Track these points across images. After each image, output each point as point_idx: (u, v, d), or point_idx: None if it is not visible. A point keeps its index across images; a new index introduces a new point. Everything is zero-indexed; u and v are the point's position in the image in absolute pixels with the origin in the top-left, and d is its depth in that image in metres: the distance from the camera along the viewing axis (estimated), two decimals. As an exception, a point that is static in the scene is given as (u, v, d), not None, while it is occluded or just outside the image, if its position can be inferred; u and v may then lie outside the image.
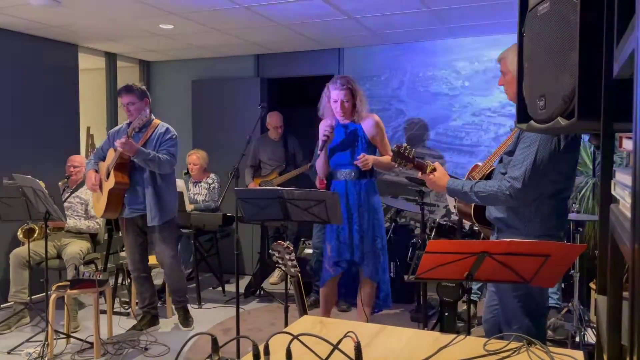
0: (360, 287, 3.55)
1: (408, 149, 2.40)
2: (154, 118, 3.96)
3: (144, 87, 3.91)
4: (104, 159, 3.95)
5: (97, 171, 3.91)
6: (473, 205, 2.41)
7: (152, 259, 4.22)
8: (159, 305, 4.25)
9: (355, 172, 3.45)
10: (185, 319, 4.15)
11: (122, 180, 3.76)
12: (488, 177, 2.38)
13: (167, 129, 3.90)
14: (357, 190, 3.44)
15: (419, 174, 2.40)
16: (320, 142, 3.49)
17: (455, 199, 2.59)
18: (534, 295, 2.15)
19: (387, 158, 3.44)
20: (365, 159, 3.35)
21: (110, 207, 3.82)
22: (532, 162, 2.05)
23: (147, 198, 3.81)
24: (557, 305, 3.98)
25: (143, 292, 4.07)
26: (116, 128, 4.02)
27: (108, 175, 3.80)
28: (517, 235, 2.14)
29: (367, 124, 3.49)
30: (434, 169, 2.36)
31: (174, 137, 3.88)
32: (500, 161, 2.31)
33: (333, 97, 3.43)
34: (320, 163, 3.55)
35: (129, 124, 3.86)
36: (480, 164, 2.54)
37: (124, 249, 5.26)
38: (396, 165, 2.44)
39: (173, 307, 4.27)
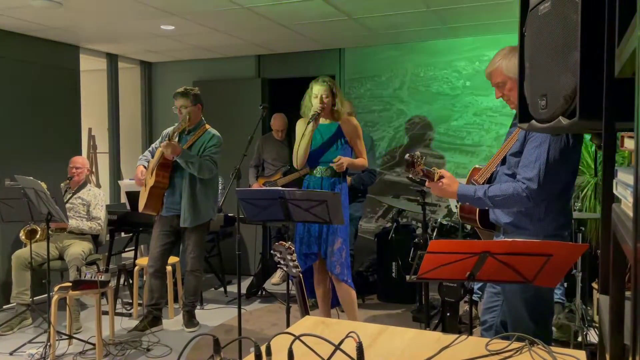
0: (336, 288, 3.59)
1: (419, 158, 2.37)
2: (204, 123, 4.09)
3: (198, 92, 4.03)
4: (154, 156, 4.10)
5: (146, 167, 4.04)
6: (477, 209, 2.39)
7: (172, 259, 4.32)
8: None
9: (331, 169, 3.58)
10: (190, 321, 4.16)
11: (162, 180, 3.91)
12: (490, 179, 2.37)
13: (214, 135, 4.02)
14: (331, 187, 3.55)
15: (427, 183, 2.38)
16: (312, 112, 3.51)
17: (457, 204, 2.57)
18: (542, 297, 2.14)
19: (360, 160, 3.64)
20: (341, 162, 3.49)
21: (150, 204, 3.95)
22: (545, 162, 2.03)
23: (183, 200, 3.93)
24: (560, 301, 3.97)
25: (153, 290, 4.09)
26: (170, 129, 4.12)
27: (152, 173, 3.94)
28: (525, 235, 2.12)
29: (346, 126, 3.61)
30: (442, 176, 2.34)
31: (218, 144, 3.99)
32: (503, 163, 2.29)
33: (314, 92, 3.58)
34: (304, 146, 3.56)
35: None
36: (478, 166, 2.52)
37: (126, 249, 5.29)
38: (411, 175, 2.42)
39: (178, 308, 4.28)
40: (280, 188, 3.17)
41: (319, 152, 3.59)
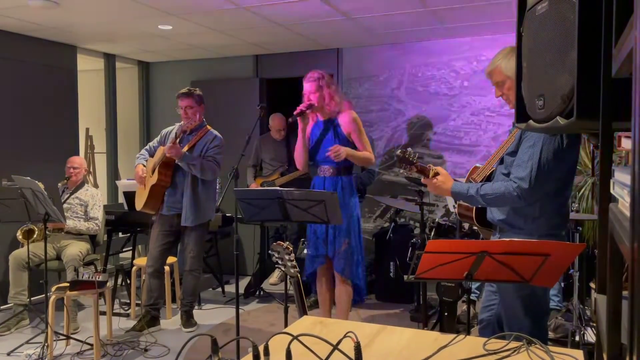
0: (336, 285, 3.58)
1: (411, 154, 2.39)
2: (206, 124, 4.10)
3: (200, 93, 4.05)
4: (153, 155, 4.10)
5: (144, 166, 4.06)
6: (474, 207, 2.40)
7: (170, 259, 4.33)
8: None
9: (333, 168, 3.50)
10: (187, 321, 4.16)
11: (164, 178, 3.93)
12: (488, 178, 2.38)
13: (216, 136, 4.04)
14: (334, 187, 3.46)
15: (422, 179, 2.39)
16: (299, 109, 3.46)
17: (455, 202, 2.58)
18: (538, 295, 2.14)
19: (364, 153, 3.49)
20: (337, 150, 3.36)
21: (150, 202, 3.97)
22: (538, 161, 2.04)
23: (185, 199, 3.95)
24: (558, 307, 3.98)
25: (152, 289, 4.09)
26: (169, 128, 4.15)
27: (153, 171, 3.95)
28: (521, 234, 2.13)
29: (344, 120, 3.50)
30: (437, 173, 2.35)
31: (220, 145, 4.01)
32: (501, 162, 2.30)
33: (304, 89, 3.52)
34: (299, 148, 3.54)
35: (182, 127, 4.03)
36: (479, 165, 2.53)
37: (124, 249, 5.28)
38: (402, 171, 2.44)
39: (176, 308, 4.28)
40: (278, 188, 3.17)
41: (319, 151, 3.53)
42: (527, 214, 2.15)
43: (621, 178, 1.06)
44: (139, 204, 4.04)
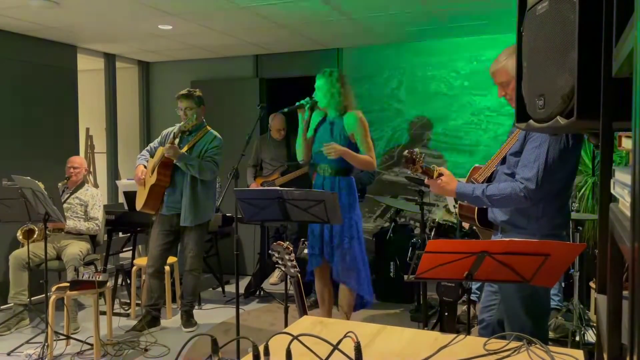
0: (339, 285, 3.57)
1: (418, 154, 2.38)
2: (206, 124, 4.11)
3: (200, 94, 4.06)
4: (153, 155, 4.11)
5: (145, 167, 4.07)
6: (476, 208, 2.40)
7: (170, 259, 4.34)
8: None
9: (330, 168, 3.46)
10: (188, 321, 4.16)
11: (163, 178, 3.95)
12: (489, 178, 2.38)
13: (215, 137, 4.05)
14: (332, 187, 3.41)
15: (426, 180, 2.39)
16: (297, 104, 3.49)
17: (456, 202, 2.58)
18: (539, 296, 2.14)
19: (363, 156, 3.41)
20: (330, 147, 3.30)
21: (149, 202, 3.98)
22: (544, 162, 2.04)
23: (184, 199, 3.96)
24: (558, 307, 3.98)
25: (152, 289, 4.09)
26: (170, 129, 4.15)
27: (153, 171, 3.96)
28: (523, 234, 2.13)
29: (349, 120, 3.46)
30: (441, 174, 2.34)
31: (219, 146, 4.02)
32: (503, 162, 2.30)
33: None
34: (299, 139, 3.55)
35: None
36: (478, 165, 2.53)
37: (124, 249, 5.28)
38: (409, 172, 2.43)
39: (176, 308, 4.28)
40: (278, 188, 3.16)
41: (318, 150, 3.51)
42: (530, 214, 2.15)
43: (621, 178, 1.06)
44: (139, 204, 4.05)
